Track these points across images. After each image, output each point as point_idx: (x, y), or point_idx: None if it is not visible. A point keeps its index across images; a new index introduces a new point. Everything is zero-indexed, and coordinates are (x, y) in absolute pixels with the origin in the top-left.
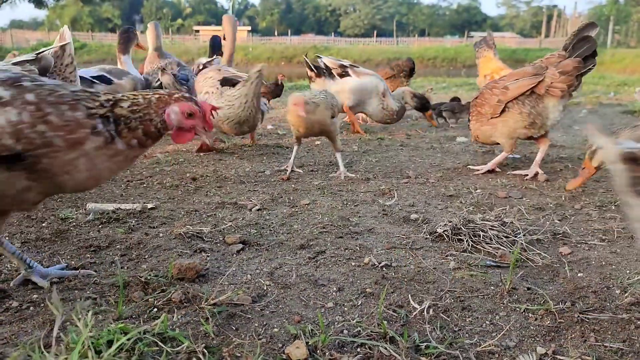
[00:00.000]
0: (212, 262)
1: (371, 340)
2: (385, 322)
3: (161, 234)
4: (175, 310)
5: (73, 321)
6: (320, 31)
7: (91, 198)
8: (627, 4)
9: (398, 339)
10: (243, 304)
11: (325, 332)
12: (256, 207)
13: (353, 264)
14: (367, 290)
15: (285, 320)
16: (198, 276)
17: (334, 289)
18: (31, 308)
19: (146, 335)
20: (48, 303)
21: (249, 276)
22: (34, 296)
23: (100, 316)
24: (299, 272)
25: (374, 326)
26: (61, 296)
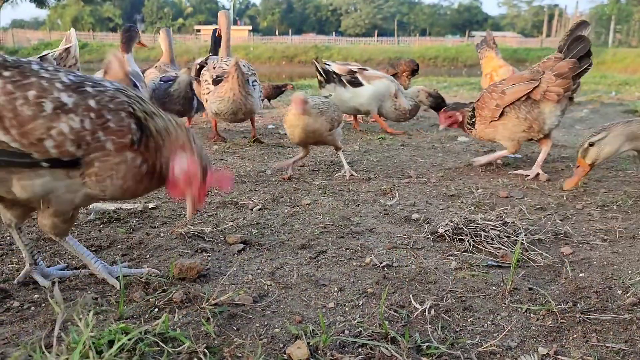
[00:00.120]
0: (213, 262)
1: (372, 340)
2: (386, 323)
3: (162, 234)
4: (176, 310)
5: (74, 321)
6: (321, 31)
7: None
8: (629, 3)
9: (399, 339)
10: (244, 304)
11: (326, 333)
12: (257, 207)
13: (354, 264)
14: (369, 290)
15: (286, 320)
16: (199, 276)
17: (335, 289)
18: (32, 308)
19: (147, 335)
20: (50, 300)
21: (250, 276)
22: (35, 296)
23: (101, 316)
24: (300, 272)
25: (375, 326)
26: (62, 296)
